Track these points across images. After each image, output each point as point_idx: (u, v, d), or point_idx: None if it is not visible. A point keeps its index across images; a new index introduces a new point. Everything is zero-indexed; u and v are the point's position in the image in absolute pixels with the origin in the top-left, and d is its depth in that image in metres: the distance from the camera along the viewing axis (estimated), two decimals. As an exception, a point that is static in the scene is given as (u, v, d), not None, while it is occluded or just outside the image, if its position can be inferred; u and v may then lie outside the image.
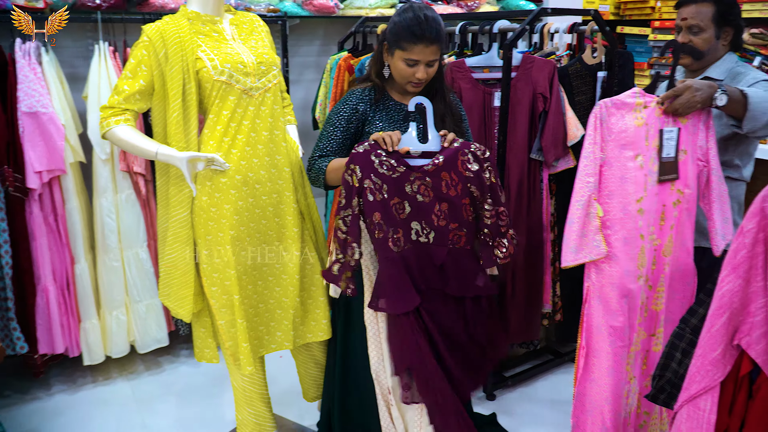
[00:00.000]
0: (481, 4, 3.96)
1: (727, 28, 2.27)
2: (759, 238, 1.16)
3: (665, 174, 1.95)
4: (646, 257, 1.93)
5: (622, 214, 1.90)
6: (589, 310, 1.91)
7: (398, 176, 1.96)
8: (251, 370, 2.20)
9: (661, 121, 1.93)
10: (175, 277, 2.18)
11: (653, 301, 1.98)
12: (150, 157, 2.02)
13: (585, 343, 1.92)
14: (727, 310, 1.20)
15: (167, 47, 2.03)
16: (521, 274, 2.89)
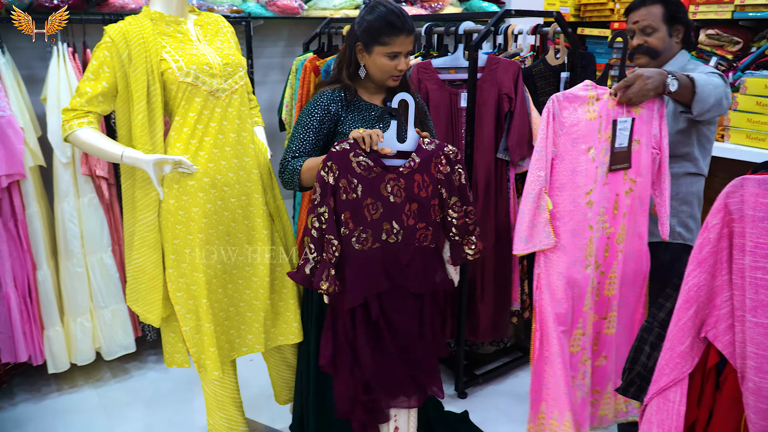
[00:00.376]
0: (445, 5, 3.98)
1: (678, 25, 2.35)
2: (723, 233, 1.19)
3: (617, 164, 1.99)
4: (595, 246, 1.97)
5: (571, 207, 1.94)
6: (540, 296, 1.97)
7: (374, 177, 1.97)
8: (218, 375, 2.18)
9: (615, 112, 1.96)
10: (142, 281, 2.15)
11: (605, 286, 2.03)
12: (115, 160, 1.99)
13: (538, 326, 1.98)
14: (693, 303, 1.23)
15: (130, 48, 2.00)
16: (490, 273, 2.91)
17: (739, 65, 4.01)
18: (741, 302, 1.16)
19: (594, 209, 1.94)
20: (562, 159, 1.93)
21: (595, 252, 1.98)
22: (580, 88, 1.96)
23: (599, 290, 2.01)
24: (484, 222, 2.85)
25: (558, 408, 1.98)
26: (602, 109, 1.94)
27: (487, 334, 2.99)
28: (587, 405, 2.09)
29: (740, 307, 1.16)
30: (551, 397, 1.98)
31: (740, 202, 1.15)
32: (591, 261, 1.97)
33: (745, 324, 1.16)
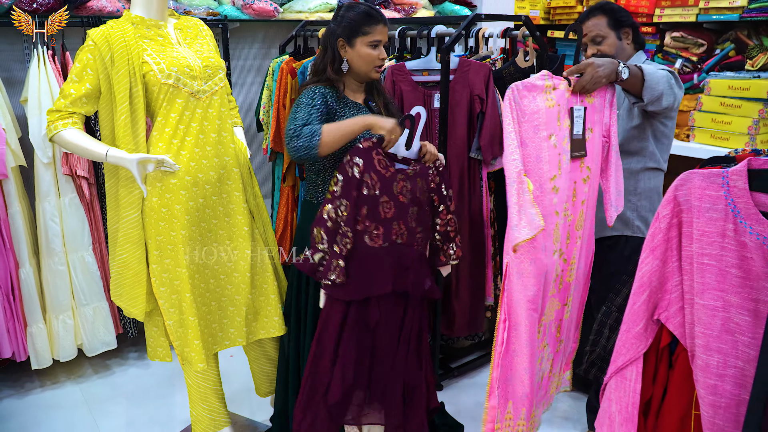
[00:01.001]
0: (418, 8, 4.08)
1: (625, 29, 2.52)
2: (673, 223, 1.30)
3: (575, 151, 2.08)
4: (560, 232, 2.05)
5: (539, 192, 1.99)
6: (509, 285, 1.97)
7: (389, 176, 2.11)
8: (203, 367, 2.25)
9: (570, 101, 2.04)
10: (127, 277, 2.21)
11: (567, 273, 2.10)
12: (100, 159, 2.06)
13: (506, 316, 1.95)
14: (647, 288, 1.33)
15: (113, 51, 2.06)
16: (465, 270, 3.01)
17: (703, 67, 4.15)
18: (689, 286, 1.27)
19: (559, 196, 2.01)
20: (526, 146, 1.97)
21: (560, 239, 2.07)
22: (538, 78, 2.01)
23: (562, 277, 2.10)
24: (458, 220, 2.94)
25: (525, 406, 1.99)
26: (560, 98, 2.01)
27: (463, 328, 3.08)
28: (542, 390, 2.16)
29: (689, 291, 1.27)
30: (519, 395, 1.98)
31: (687, 194, 1.26)
32: (557, 247, 2.05)
33: (693, 306, 1.27)
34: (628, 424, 1.38)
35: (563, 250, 2.07)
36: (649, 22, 4.37)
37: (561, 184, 2.00)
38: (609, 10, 2.50)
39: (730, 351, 1.23)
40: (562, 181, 2.01)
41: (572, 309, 2.16)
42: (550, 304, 2.10)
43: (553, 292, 2.08)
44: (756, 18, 3.80)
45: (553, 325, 2.13)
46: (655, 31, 4.46)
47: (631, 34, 2.55)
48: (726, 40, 4.18)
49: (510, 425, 1.98)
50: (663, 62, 4.37)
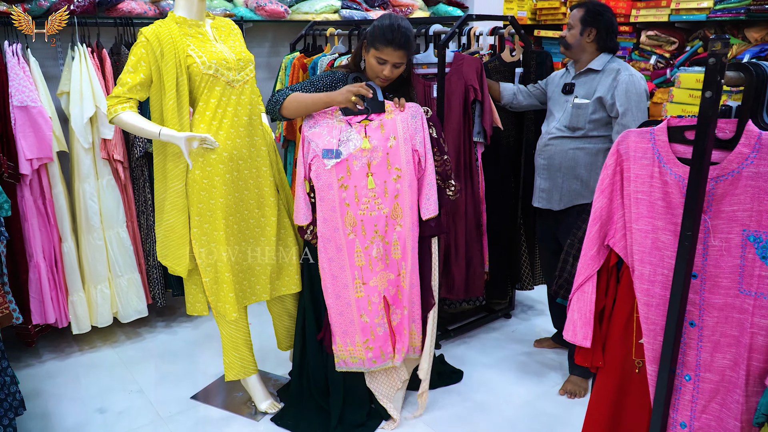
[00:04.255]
0: (414, 10, 4.47)
1: (590, 28, 2.83)
2: (617, 170, 1.69)
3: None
4: (357, 219, 2.59)
5: (327, 190, 2.56)
6: (319, 256, 2.64)
7: None
8: (236, 317, 2.63)
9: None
10: (172, 239, 2.59)
11: (392, 251, 2.65)
12: (153, 137, 2.43)
13: (322, 283, 2.66)
14: (598, 221, 1.73)
15: (162, 46, 2.44)
16: (462, 240, 3.39)
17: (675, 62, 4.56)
18: (629, 217, 1.66)
19: (348, 192, 2.56)
20: (319, 158, 2.55)
21: (362, 225, 2.60)
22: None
23: (388, 255, 2.65)
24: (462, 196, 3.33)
25: (348, 337, 2.68)
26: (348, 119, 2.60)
27: (461, 291, 3.46)
28: (388, 339, 2.71)
29: (629, 220, 1.66)
30: (339, 332, 2.68)
31: (626, 148, 1.65)
32: (353, 229, 2.59)
33: (631, 231, 1.66)
34: (587, 326, 1.77)
35: (382, 235, 2.63)
36: (626, 22, 4.78)
37: (351, 182, 2.57)
38: (588, 7, 2.84)
39: (658, 262, 1.61)
40: (354, 179, 2.57)
41: (408, 280, 2.67)
42: (380, 277, 2.66)
43: (381, 267, 2.65)
44: (721, 18, 4.19)
45: (392, 290, 2.70)
46: (632, 30, 4.86)
47: (593, 35, 2.85)
48: (695, 38, 4.57)
49: (343, 351, 2.71)
50: (640, 59, 4.78)
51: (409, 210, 2.62)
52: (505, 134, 3.50)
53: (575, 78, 2.97)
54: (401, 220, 2.62)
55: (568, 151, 2.92)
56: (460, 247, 3.40)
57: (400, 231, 2.63)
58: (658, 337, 1.59)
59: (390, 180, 2.59)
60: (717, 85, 1.33)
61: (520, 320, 3.84)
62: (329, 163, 2.54)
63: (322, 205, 2.59)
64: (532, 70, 3.46)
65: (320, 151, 2.55)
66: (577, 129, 2.89)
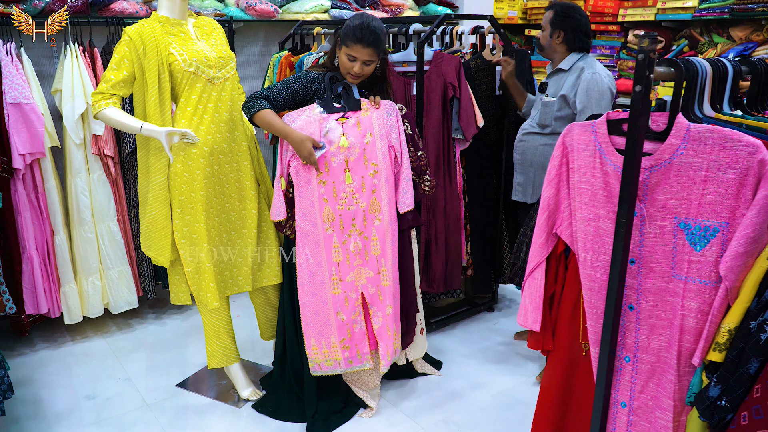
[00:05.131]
0: (404, 9, 4.56)
1: (558, 30, 2.94)
2: (563, 161, 1.77)
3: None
4: (335, 213, 2.64)
5: (305, 186, 2.62)
6: (296, 252, 2.68)
7: None
8: (217, 306, 2.73)
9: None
10: (155, 231, 2.69)
11: (371, 247, 2.69)
12: (135, 132, 2.52)
13: (298, 280, 2.70)
14: (546, 210, 1.81)
15: (145, 44, 2.53)
16: (441, 234, 3.48)
17: (661, 61, 4.63)
18: (574, 206, 1.74)
19: (327, 187, 2.62)
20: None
21: (340, 219, 2.65)
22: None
23: (367, 251, 2.70)
24: (436, 192, 3.42)
25: (324, 339, 2.72)
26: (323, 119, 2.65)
27: (441, 284, 3.55)
28: (365, 338, 2.76)
29: (574, 209, 1.75)
30: (314, 333, 2.71)
31: (570, 140, 1.73)
32: (332, 224, 2.65)
33: (576, 219, 1.75)
34: (536, 311, 1.86)
35: (361, 230, 2.68)
36: (614, 21, 4.86)
37: (330, 179, 2.63)
38: (557, 9, 2.95)
39: (600, 249, 1.70)
40: (333, 176, 2.63)
41: (390, 277, 2.71)
42: (357, 272, 2.70)
43: (359, 262, 2.70)
44: (706, 17, 4.26)
45: (372, 288, 2.72)
46: (619, 29, 4.94)
47: (561, 37, 2.96)
48: (681, 37, 4.64)
49: (318, 353, 2.74)
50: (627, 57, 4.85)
51: (387, 204, 2.69)
52: (487, 131, 3.58)
53: (548, 77, 3.07)
54: (379, 214, 2.69)
55: (539, 147, 3.05)
56: (440, 241, 3.49)
57: (378, 225, 2.69)
58: (600, 320, 1.68)
59: (367, 175, 2.66)
60: (646, 79, 1.41)
61: (503, 314, 3.92)
62: (316, 154, 2.60)
63: (301, 200, 2.65)
64: (512, 68, 3.53)
65: None
66: (545, 126, 3.00)
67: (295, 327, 2.87)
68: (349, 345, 2.75)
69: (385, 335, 2.76)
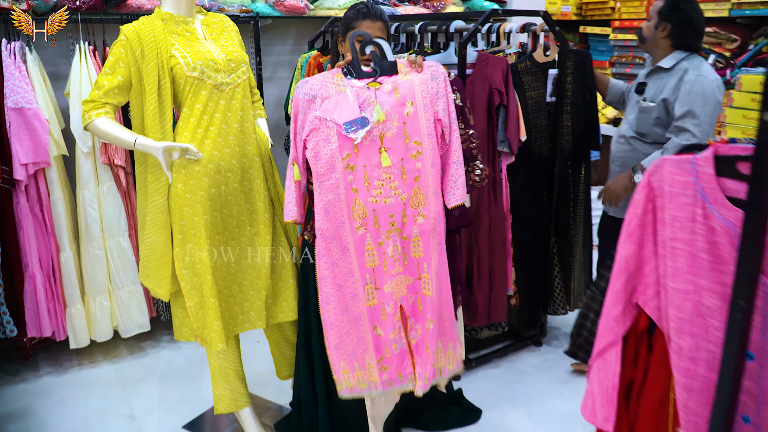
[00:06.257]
0: (447, 4, 4.15)
1: (665, 23, 2.63)
2: (648, 208, 1.34)
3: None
4: (368, 208, 2.11)
5: (329, 174, 2.09)
6: (317, 261, 2.17)
7: None
8: (222, 347, 2.37)
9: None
10: (153, 259, 2.35)
11: (411, 249, 2.17)
12: (129, 147, 2.19)
13: (319, 292, 2.20)
14: (625, 272, 1.38)
15: (143, 45, 2.20)
16: (485, 260, 3.08)
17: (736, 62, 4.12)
18: (664, 270, 1.32)
19: (356, 173, 2.09)
20: (320, 132, 2.11)
21: (375, 216, 2.12)
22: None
23: (405, 253, 2.17)
24: (479, 211, 3.02)
25: (356, 360, 2.22)
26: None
27: (484, 318, 3.15)
28: (406, 357, 2.25)
29: (663, 275, 1.32)
30: (346, 355, 2.22)
31: (660, 180, 1.31)
32: (364, 222, 2.12)
33: (667, 289, 1.31)
34: (608, 406, 1.42)
35: (400, 228, 2.15)
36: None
37: (360, 161, 2.10)
38: (668, 1, 2.65)
39: (702, 334, 1.26)
40: (362, 159, 2.10)
41: (433, 286, 2.18)
42: (397, 282, 2.18)
43: (398, 269, 2.17)
44: (789, 12, 3.76)
45: (411, 299, 2.21)
46: (687, 26, 4.44)
47: (668, 30, 2.64)
48: (759, 36, 4.14)
49: (350, 377, 2.25)
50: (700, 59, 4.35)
51: (434, 195, 2.15)
52: (538, 144, 3.16)
53: (647, 77, 2.76)
54: (423, 209, 2.15)
55: (641, 156, 2.75)
56: (483, 267, 3.09)
57: (422, 223, 2.15)
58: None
59: (408, 157, 2.12)
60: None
61: (552, 348, 3.48)
62: (358, 136, 2.08)
63: (321, 193, 2.12)
64: (568, 71, 3.10)
65: (340, 127, 2.08)
66: (644, 135, 2.69)
67: (308, 365, 2.50)
68: (387, 366, 2.25)
69: (423, 353, 2.24)
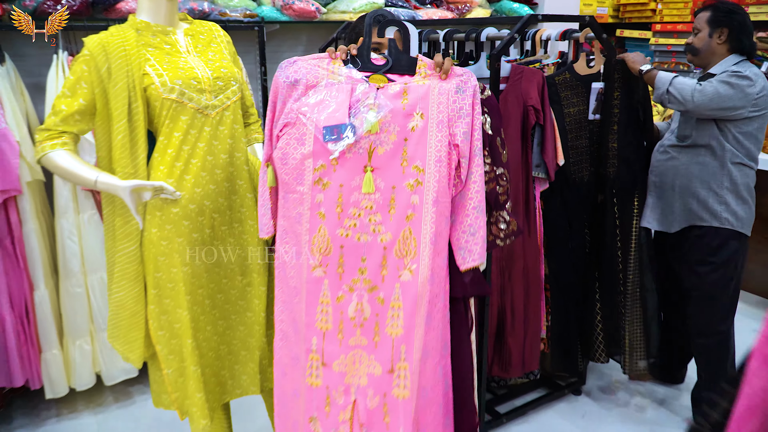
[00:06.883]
0: (473, 7, 3.73)
1: (722, 28, 2.52)
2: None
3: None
4: (333, 242, 1.58)
5: (294, 183, 1.61)
6: (275, 302, 1.72)
7: None
8: (206, 423, 1.97)
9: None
10: (123, 318, 1.95)
11: (387, 321, 1.57)
12: (89, 187, 1.80)
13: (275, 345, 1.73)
14: (760, 411, 0.94)
15: (110, 62, 1.81)
16: (519, 301, 2.67)
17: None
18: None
19: (329, 193, 1.59)
20: (294, 127, 1.63)
21: (341, 254, 1.60)
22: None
23: (378, 326, 1.59)
24: (512, 247, 2.61)
25: None
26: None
27: (518, 368, 2.73)
28: None
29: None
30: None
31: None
32: (325, 260, 1.61)
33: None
34: None
35: (375, 284, 1.59)
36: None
37: (337, 178, 1.58)
38: (716, 7, 2.55)
39: None
40: (340, 175, 1.58)
41: (413, 386, 1.55)
42: (354, 359, 1.61)
43: (359, 341, 1.60)
44: None
45: (366, 399, 1.60)
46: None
47: (725, 35, 2.53)
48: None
49: None
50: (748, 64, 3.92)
51: (430, 245, 1.59)
52: (577, 167, 2.73)
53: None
54: (412, 261, 1.60)
55: (680, 168, 2.62)
56: (517, 310, 2.68)
57: (407, 282, 1.60)
58: None
59: (403, 186, 1.61)
60: None
61: (593, 400, 3.04)
62: (336, 149, 1.57)
63: (284, 206, 1.65)
64: (616, 85, 2.67)
65: (318, 130, 1.58)
66: (686, 137, 2.59)
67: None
68: None
69: None
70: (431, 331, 1.62)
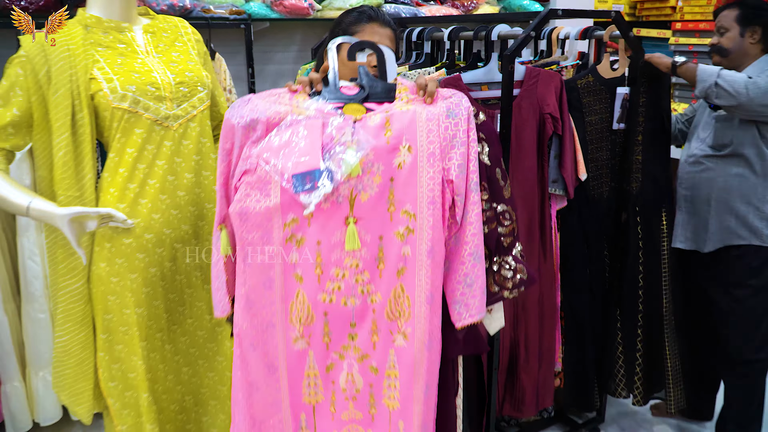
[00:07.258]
0: (480, 4, 3.45)
1: (754, 27, 2.36)
2: None
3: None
4: (315, 310, 1.35)
5: (259, 243, 1.34)
6: (232, 377, 1.40)
7: None
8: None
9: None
10: (68, 366, 1.66)
11: (384, 391, 1.37)
12: (21, 214, 1.51)
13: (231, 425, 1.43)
14: None
15: (50, 64, 1.53)
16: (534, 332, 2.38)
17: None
18: None
19: (304, 250, 1.33)
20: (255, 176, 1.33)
21: (325, 322, 1.36)
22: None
23: (374, 397, 1.37)
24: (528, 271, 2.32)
25: None
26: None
27: (532, 406, 2.45)
28: None
29: None
30: None
31: None
32: (307, 331, 1.36)
33: None
34: None
35: (366, 352, 1.36)
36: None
37: (313, 234, 1.32)
38: (744, 4, 2.39)
39: None
40: (317, 229, 1.32)
41: None
42: (322, 424, 1.39)
43: (353, 415, 1.36)
44: None
45: None
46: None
47: (759, 34, 2.37)
48: None
49: None
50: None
51: (426, 304, 1.35)
52: (597, 182, 2.44)
53: None
54: (407, 324, 1.36)
55: (717, 179, 2.40)
56: (531, 344, 2.40)
57: (403, 348, 1.37)
58: None
59: (392, 236, 1.35)
60: None
61: (613, 437, 2.75)
62: (311, 202, 1.28)
63: (245, 272, 1.35)
64: (642, 90, 2.38)
65: (286, 180, 1.29)
66: (724, 146, 2.38)
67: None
68: None
69: None
70: (429, 401, 1.36)
